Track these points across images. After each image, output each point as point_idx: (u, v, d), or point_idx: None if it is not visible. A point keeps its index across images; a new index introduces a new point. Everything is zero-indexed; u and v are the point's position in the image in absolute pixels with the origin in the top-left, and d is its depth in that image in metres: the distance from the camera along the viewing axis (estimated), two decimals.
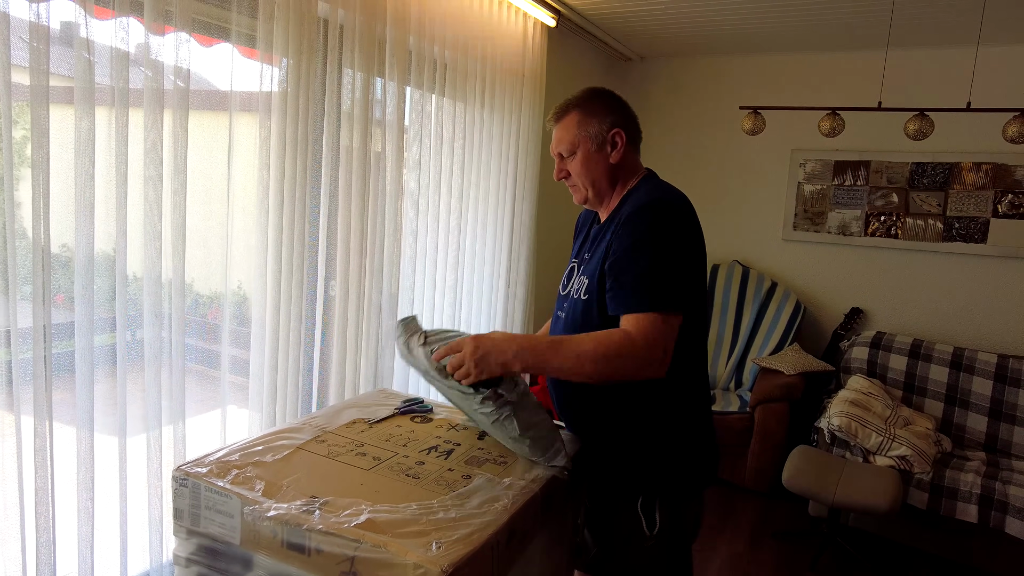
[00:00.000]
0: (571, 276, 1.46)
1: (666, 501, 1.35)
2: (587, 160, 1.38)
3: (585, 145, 1.38)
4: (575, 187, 1.43)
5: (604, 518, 1.42)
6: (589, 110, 1.38)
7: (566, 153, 1.40)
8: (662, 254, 1.24)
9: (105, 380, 1.62)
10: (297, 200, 1.98)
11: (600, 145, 1.37)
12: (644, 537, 1.35)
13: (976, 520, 2.66)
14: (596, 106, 1.38)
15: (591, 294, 1.33)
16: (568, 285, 1.46)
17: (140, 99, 1.59)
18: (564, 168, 1.42)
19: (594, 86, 1.44)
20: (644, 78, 4.29)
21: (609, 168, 1.39)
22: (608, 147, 1.38)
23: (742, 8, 3.05)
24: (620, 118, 1.39)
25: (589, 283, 1.34)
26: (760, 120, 2.89)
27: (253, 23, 1.83)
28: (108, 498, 1.65)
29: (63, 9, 1.45)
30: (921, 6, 2.87)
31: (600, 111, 1.38)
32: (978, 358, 3.20)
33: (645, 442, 1.35)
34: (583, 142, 1.37)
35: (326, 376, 2.24)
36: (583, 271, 1.40)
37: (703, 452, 1.41)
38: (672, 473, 1.37)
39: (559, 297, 1.50)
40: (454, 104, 2.69)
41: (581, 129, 1.37)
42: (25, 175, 1.44)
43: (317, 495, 1.06)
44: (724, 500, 3.32)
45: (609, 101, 1.40)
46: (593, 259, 1.37)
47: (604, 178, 1.39)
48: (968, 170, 3.47)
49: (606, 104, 1.39)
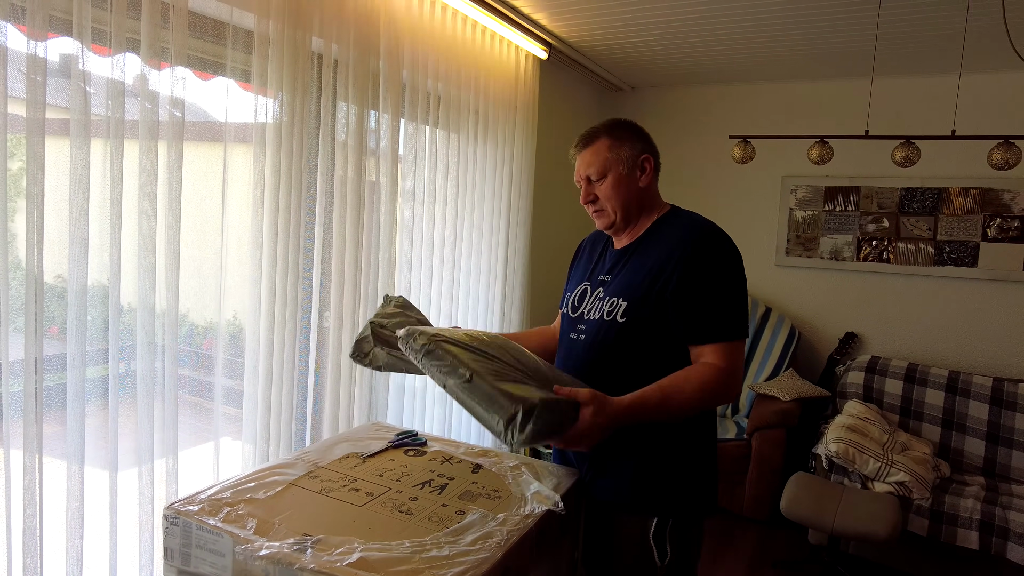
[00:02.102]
0: (585, 297, 1.45)
1: (677, 527, 1.36)
2: (618, 183, 1.40)
3: (616, 168, 1.40)
4: (602, 211, 1.43)
5: (609, 552, 1.40)
6: (619, 136, 1.41)
7: (595, 176, 1.41)
8: (735, 283, 1.32)
9: (97, 413, 1.60)
10: (292, 230, 1.98)
11: (631, 169, 1.40)
12: (655, 569, 1.34)
13: (977, 547, 2.63)
14: (625, 133, 1.42)
15: (630, 315, 1.34)
16: (583, 306, 1.45)
17: (136, 130, 1.60)
18: (592, 192, 1.43)
19: (618, 117, 1.48)
20: (635, 108, 4.35)
21: (639, 192, 1.42)
22: (638, 171, 1.41)
23: (729, 40, 3.12)
24: (649, 146, 1.44)
25: (628, 304, 1.34)
26: (750, 149, 2.93)
27: (248, 58, 1.86)
28: (98, 536, 1.63)
29: (61, 44, 1.47)
30: (903, 37, 2.93)
31: (630, 138, 1.42)
32: (973, 381, 3.21)
33: (663, 460, 1.36)
34: (614, 165, 1.40)
35: (320, 408, 2.23)
36: (611, 292, 1.39)
37: (712, 474, 1.43)
38: (688, 492, 1.37)
39: (568, 318, 1.48)
40: (448, 135, 2.72)
41: (612, 152, 1.40)
42: (20, 207, 1.44)
43: (309, 533, 1.05)
44: (723, 529, 3.28)
45: (637, 129, 1.44)
46: (629, 281, 1.37)
47: (634, 202, 1.42)
48: (956, 195, 3.51)
49: (635, 132, 1.44)
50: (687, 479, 1.38)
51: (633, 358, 1.35)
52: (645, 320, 1.33)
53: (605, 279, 1.43)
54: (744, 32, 2.99)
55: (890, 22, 2.74)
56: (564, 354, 1.48)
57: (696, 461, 1.39)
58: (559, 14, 2.87)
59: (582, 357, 1.41)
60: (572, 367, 1.43)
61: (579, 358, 1.41)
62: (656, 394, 1.24)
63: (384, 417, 2.46)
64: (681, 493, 1.37)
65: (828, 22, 2.80)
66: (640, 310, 1.33)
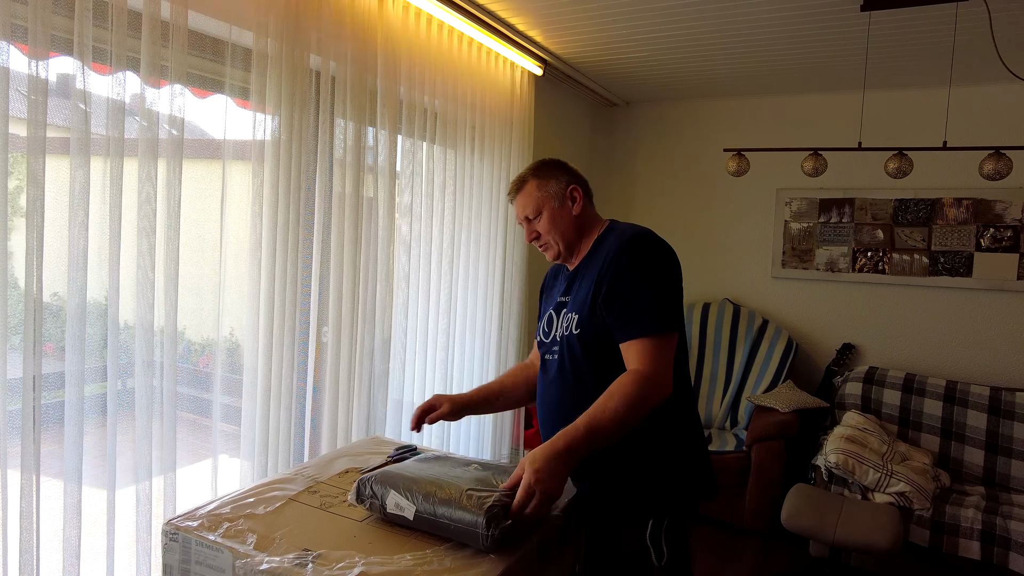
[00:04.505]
0: (552, 321, 1.53)
1: (671, 526, 1.40)
2: (553, 216, 1.50)
3: (549, 204, 1.50)
4: (546, 245, 1.53)
5: (608, 559, 1.43)
6: (543, 175, 1.52)
7: (532, 215, 1.52)
8: (654, 280, 1.34)
9: (95, 431, 1.60)
10: (290, 247, 1.99)
11: (561, 201, 1.51)
12: (653, 570, 1.38)
13: (979, 557, 2.62)
14: (548, 171, 1.53)
15: (582, 326, 1.41)
16: (552, 330, 1.52)
17: (135, 148, 1.61)
18: (534, 230, 1.53)
19: (541, 159, 1.59)
20: (630, 123, 4.38)
21: (574, 220, 1.51)
22: (568, 202, 1.51)
23: (722, 55, 3.16)
24: (573, 177, 1.54)
25: (579, 317, 1.41)
26: (744, 161, 2.96)
27: (247, 76, 1.87)
28: (95, 555, 1.61)
29: (61, 63, 1.48)
30: (893, 51, 2.97)
31: (553, 174, 1.52)
32: (971, 391, 3.21)
33: (650, 463, 1.39)
34: (546, 201, 1.50)
35: (318, 423, 2.22)
36: (570, 309, 1.46)
37: (702, 465, 1.47)
38: (679, 488, 1.42)
39: (544, 344, 1.54)
40: (445, 151, 2.74)
41: (540, 191, 1.51)
42: (18, 225, 1.44)
43: (310, 548, 1.04)
44: (724, 542, 3.26)
45: (560, 164, 1.55)
46: (578, 297, 1.45)
47: (571, 230, 1.51)
48: (950, 205, 3.54)
49: (558, 167, 1.54)
50: (679, 476, 1.42)
51: (599, 366, 1.40)
52: (596, 330, 1.39)
53: (564, 300, 1.52)
54: (737, 47, 3.03)
55: (880, 37, 2.79)
56: (544, 376, 1.54)
57: (685, 457, 1.43)
58: (553, 31, 2.91)
59: (558, 375, 1.47)
60: (553, 385, 1.48)
61: (556, 376, 1.48)
62: (583, 420, 1.24)
63: (383, 431, 2.45)
64: (675, 491, 1.41)
65: (819, 37, 2.84)
66: (589, 322, 1.40)
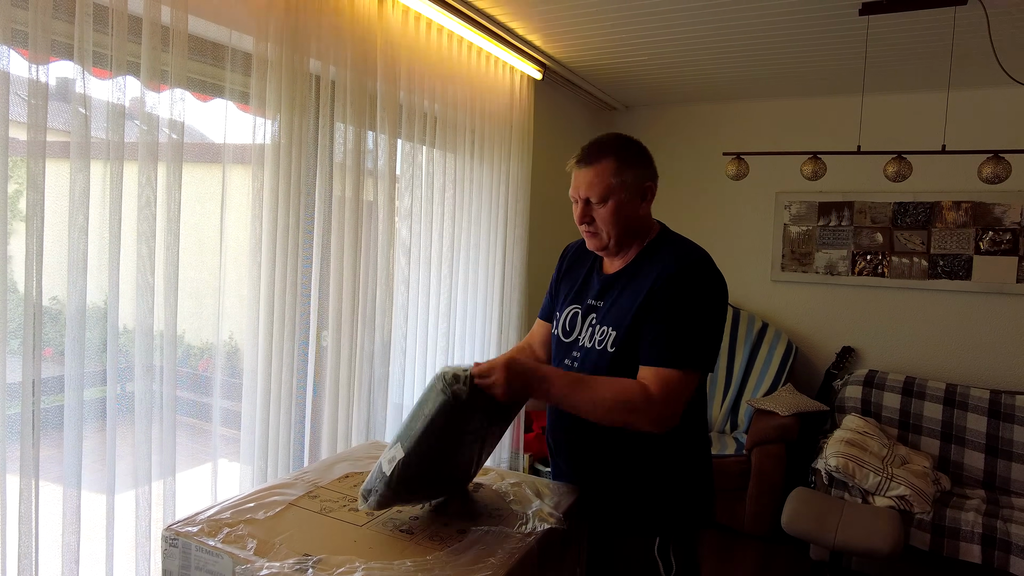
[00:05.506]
0: (576, 322, 1.41)
1: (680, 540, 1.36)
2: (619, 209, 1.32)
3: (619, 195, 1.31)
4: (595, 234, 1.36)
5: (614, 571, 1.40)
6: (625, 159, 1.33)
7: (596, 200, 1.32)
8: (704, 315, 1.26)
9: (94, 435, 1.59)
10: (289, 250, 1.99)
11: (633, 196, 1.33)
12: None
13: (980, 560, 2.62)
14: (633, 156, 1.34)
15: (619, 345, 1.30)
16: (575, 332, 1.41)
17: (135, 152, 1.61)
18: (589, 214, 1.34)
19: (623, 134, 1.38)
20: (629, 127, 4.39)
21: (637, 220, 1.36)
22: (639, 198, 1.34)
23: (721, 59, 3.16)
24: (652, 170, 1.37)
25: (618, 335, 1.31)
26: (743, 165, 2.96)
27: (247, 80, 1.87)
28: (94, 561, 1.61)
29: (62, 67, 1.48)
30: (892, 55, 2.98)
31: (636, 162, 1.34)
32: (971, 394, 3.21)
33: (659, 481, 1.36)
34: (617, 191, 1.31)
35: (318, 427, 2.22)
36: (603, 321, 1.35)
37: (709, 485, 1.43)
38: (686, 509, 1.38)
39: (561, 343, 1.44)
40: (444, 155, 2.74)
41: (617, 177, 1.31)
42: (18, 229, 1.44)
43: (310, 553, 1.04)
44: (723, 546, 3.25)
45: (644, 152, 1.37)
46: (616, 309, 1.34)
47: (631, 229, 1.36)
48: (948, 209, 3.55)
49: (642, 155, 1.36)
50: (686, 497, 1.38)
51: None
52: (633, 350, 1.29)
53: (595, 304, 1.39)
54: (736, 51, 3.04)
55: (878, 40, 2.79)
56: None
57: (693, 478, 1.40)
58: (553, 36, 2.91)
59: None
60: None
61: None
62: (577, 380, 1.22)
63: (383, 436, 2.45)
64: (681, 511, 1.38)
65: (818, 41, 2.84)
66: (628, 341, 1.29)
